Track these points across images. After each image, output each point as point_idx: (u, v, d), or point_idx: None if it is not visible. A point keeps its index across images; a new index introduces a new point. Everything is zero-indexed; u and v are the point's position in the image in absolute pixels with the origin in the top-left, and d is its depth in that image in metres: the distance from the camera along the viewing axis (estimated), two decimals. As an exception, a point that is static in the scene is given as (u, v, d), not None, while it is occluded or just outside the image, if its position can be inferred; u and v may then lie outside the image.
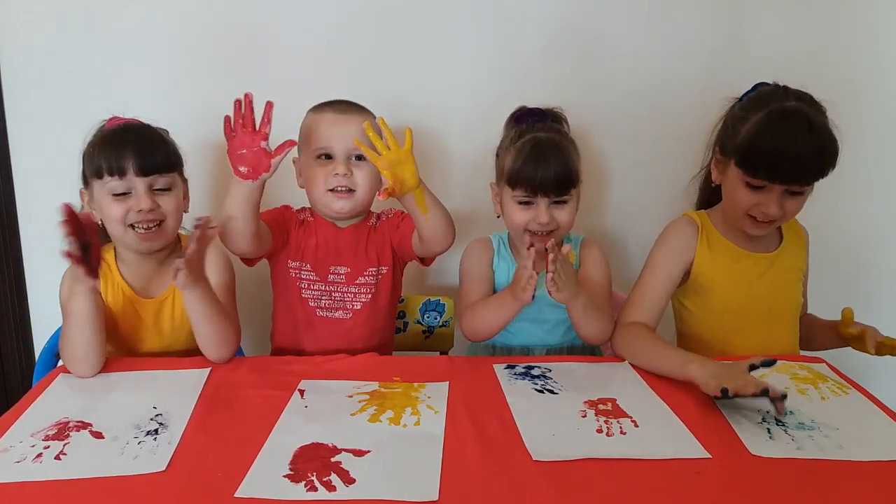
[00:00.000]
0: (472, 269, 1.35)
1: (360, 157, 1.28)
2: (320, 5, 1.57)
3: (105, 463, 0.87)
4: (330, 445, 0.91)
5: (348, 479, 0.83)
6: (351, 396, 1.05)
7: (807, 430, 0.95)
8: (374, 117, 1.30)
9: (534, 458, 0.88)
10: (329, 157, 1.27)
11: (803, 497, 0.82)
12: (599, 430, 0.96)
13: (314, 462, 0.87)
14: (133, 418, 0.98)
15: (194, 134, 1.35)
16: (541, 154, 1.23)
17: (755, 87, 1.24)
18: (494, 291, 1.34)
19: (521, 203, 1.27)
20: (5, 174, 1.63)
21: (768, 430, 0.95)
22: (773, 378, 1.11)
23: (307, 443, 0.91)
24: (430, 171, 1.67)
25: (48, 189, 1.58)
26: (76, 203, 1.21)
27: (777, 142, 1.11)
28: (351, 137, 1.24)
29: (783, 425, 0.96)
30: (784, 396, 0.98)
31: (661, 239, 1.31)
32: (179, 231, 1.30)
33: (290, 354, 1.29)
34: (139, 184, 1.17)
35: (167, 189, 1.20)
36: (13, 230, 1.67)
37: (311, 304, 1.33)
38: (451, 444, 0.91)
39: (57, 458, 0.88)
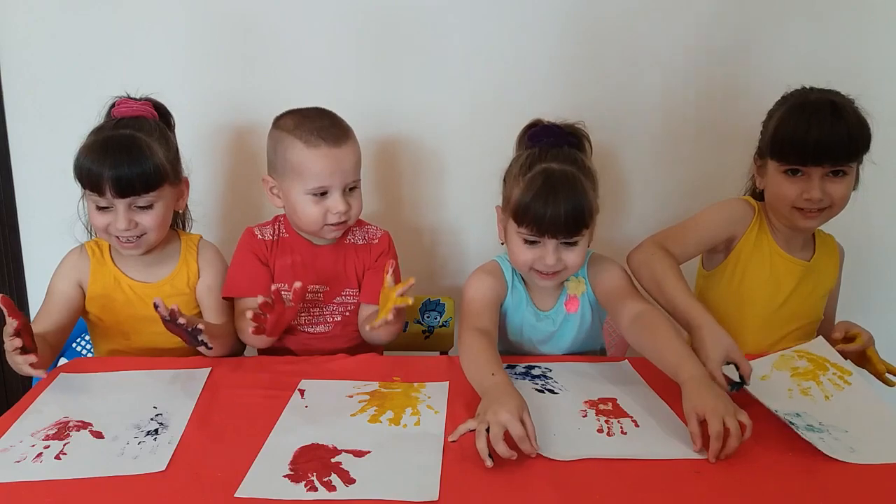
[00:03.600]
0: (479, 293, 1.21)
1: (352, 188, 1.25)
2: (322, 8, 1.57)
3: (105, 463, 0.87)
4: (330, 446, 0.91)
5: (348, 480, 0.83)
6: (351, 397, 1.05)
7: (817, 433, 0.95)
8: (354, 138, 1.26)
9: (534, 458, 0.88)
10: (325, 192, 1.23)
11: (806, 499, 0.82)
12: (600, 430, 0.96)
13: (314, 462, 0.87)
14: (133, 418, 0.98)
15: (198, 125, 1.34)
16: (552, 190, 1.11)
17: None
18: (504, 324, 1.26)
19: (527, 242, 1.16)
20: (5, 174, 1.63)
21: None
22: (774, 376, 1.11)
23: (307, 443, 0.91)
24: (425, 181, 1.67)
25: (48, 189, 1.59)
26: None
27: (802, 122, 1.16)
28: (348, 169, 1.22)
29: (793, 427, 0.95)
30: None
31: (719, 204, 1.30)
32: (176, 228, 1.33)
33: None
34: (118, 203, 1.16)
35: (148, 206, 1.19)
36: (13, 230, 1.67)
37: (292, 321, 1.29)
38: (451, 445, 0.91)
39: (57, 457, 0.88)
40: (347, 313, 1.32)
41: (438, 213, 1.69)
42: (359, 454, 0.89)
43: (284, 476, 0.84)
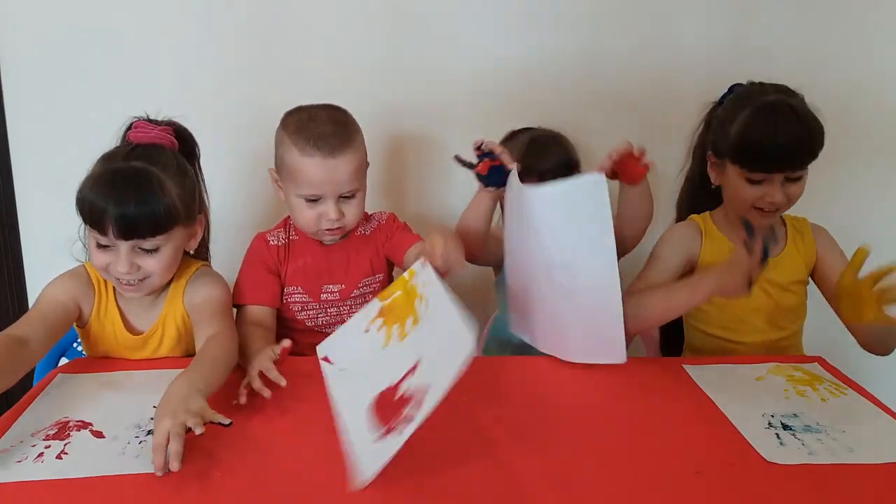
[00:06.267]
0: None
1: (348, 197, 1.24)
2: (329, 4, 1.58)
3: (107, 462, 0.87)
4: (390, 386, 0.89)
5: (417, 401, 0.82)
6: (367, 332, 1.03)
7: (814, 433, 0.95)
8: (357, 145, 1.25)
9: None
10: (318, 199, 1.23)
11: (806, 499, 0.82)
12: None
13: (389, 410, 0.85)
14: (133, 418, 0.98)
15: (204, 125, 1.33)
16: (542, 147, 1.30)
17: (731, 88, 1.29)
18: None
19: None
20: (5, 174, 1.64)
21: (777, 434, 0.95)
22: (770, 381, 1.12)
23: (372, 400, 0.89)
24: (431, 173, 1.68)
25: (48, 189, 1.59)
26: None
27: (768, 132, 1.17)
28: (342, 180, 1.21)
29: (791, 429, 0.96)
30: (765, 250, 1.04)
31: (665, 238, 1.32)
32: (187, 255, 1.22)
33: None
34: (121, 245, 1.06)
35: (154, 249, 1.08)
36: (13, 230, 1.67)
37: (309, 323, 1.32)
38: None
39: (58, 457, 0.88)
40: (364, 303, 1.32)
41: (443, 208, 1.70)
42: (412, 371, 0.88)
43: (379, 439, 0.83)
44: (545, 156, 1.27)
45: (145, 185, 1.05)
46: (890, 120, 1.68)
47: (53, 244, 1.30)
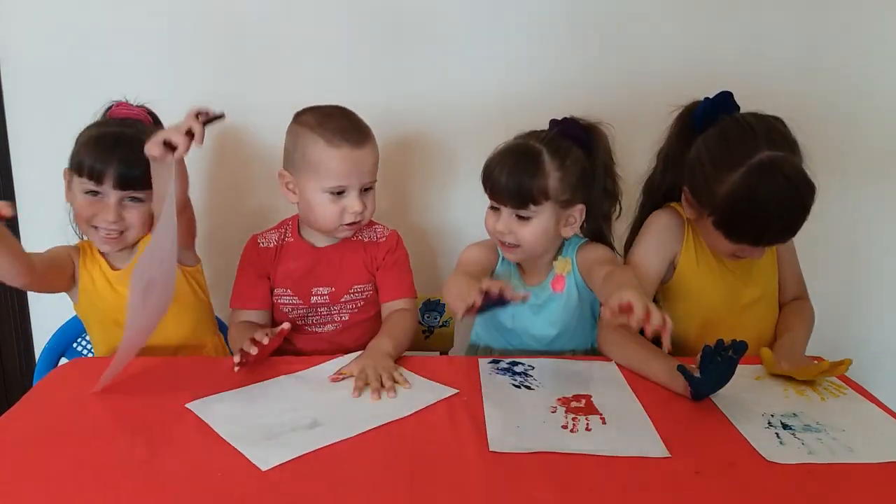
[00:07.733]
0: (471, 257, 1.30)
1: (368, 189, 1.27)
2: (330, 8, 1.57)
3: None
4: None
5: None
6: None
7: (814, 433, 0.95)
8: (373, 139, 1.27)
9: (490, 449, 0.90)
10: (342, 192, 1.25)
11: (806, 499, 0.82)
12: (564, 426, 0.97)
13: None
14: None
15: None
16: (505, 160, 1.20)
17: (714, 102, 1.20)
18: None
19: (491, 208, 1.24)
20: (5, 173, 1.64)
21: (777, 434, 0.95)
22: (769, 381, 1.12)
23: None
24: (433, 177, 1.68)
25: (48, 188, 1.59)
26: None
27: (759, 214, 1.09)
28: (365, 171, 1.25)
29: (791, 429, 0.96)
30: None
31: (647, 231, 1.28)
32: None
33: (287, 354, 1.29)
34: (112, 195, 1.21)
35: (138, 201, 1.23)
36: (13, 230, 1.66)
37: (299, 322, 1.32)
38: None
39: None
40: (356, 310, 1.33)
41: (445, 214, 1.70)
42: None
43: None
44: (500, 173, 1.19)
45: (141, 145, 1.14)
46: (881, 126, 1.67)
47: (53, 244, 1.31)
